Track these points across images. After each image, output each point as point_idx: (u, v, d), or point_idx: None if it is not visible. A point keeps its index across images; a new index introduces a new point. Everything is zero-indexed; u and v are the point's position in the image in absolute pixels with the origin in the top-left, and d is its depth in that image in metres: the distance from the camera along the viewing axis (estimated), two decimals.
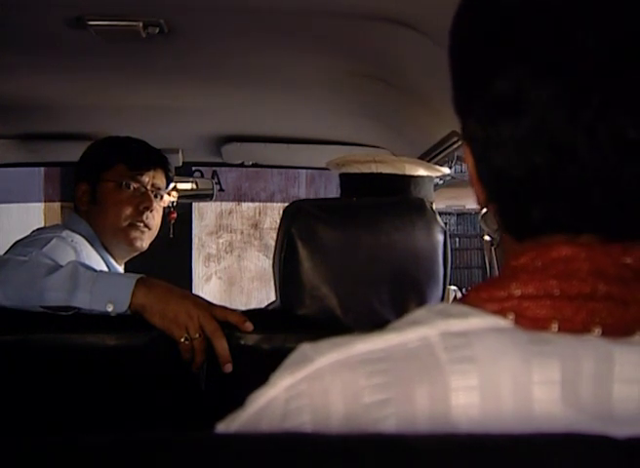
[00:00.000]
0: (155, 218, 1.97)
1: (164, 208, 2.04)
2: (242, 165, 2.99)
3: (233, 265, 6.26)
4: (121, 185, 1.92)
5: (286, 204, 1.53)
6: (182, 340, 1.38)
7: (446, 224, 1.49)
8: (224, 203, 6.18)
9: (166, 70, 1.96)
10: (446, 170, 1.74)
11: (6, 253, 1.65)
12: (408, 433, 0.53)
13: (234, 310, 1.42)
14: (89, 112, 2.40)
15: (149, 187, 1.95)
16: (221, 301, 2.50)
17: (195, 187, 2.83)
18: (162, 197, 1.99)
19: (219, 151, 2.81)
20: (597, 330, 0.54)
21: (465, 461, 0.50)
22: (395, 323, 0.58)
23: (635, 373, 0.53)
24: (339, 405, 0.55)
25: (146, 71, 1.97)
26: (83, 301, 1.37)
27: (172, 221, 2.41)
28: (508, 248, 0.61)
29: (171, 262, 4.82)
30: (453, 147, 2.07)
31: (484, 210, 0.66)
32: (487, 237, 1.81)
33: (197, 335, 1.38)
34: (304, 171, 5.95)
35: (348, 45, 1.68)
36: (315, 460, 0.50)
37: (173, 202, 2.19)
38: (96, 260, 1.84)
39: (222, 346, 1.37)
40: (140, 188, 1.93)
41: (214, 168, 5.36)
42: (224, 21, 1.55)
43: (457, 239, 12.95)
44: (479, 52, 0.58)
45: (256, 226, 6.27)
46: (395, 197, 1.57)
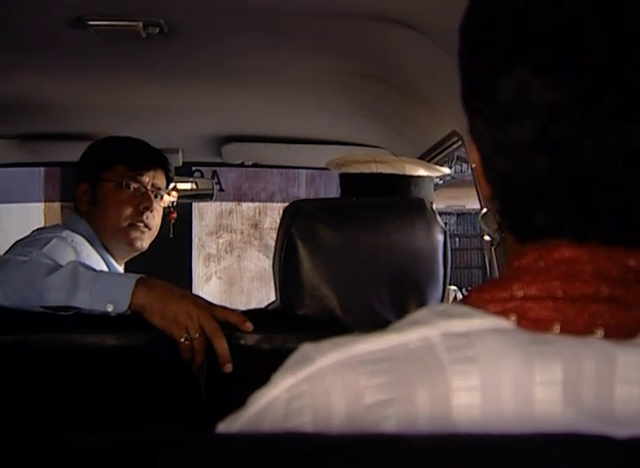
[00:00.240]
0: (155, 218, 1.97)
1: (164, 208, 2.04)
2: (242, 165, 2.98)
3: (233, 265, 6.26)
4: (121, 185, 1.92)
5: (286, 204, 1.53)
6: (182, 340, 1.38)
7: (446, 224, 1.49)
8: (224, 203, 6.17)
9: (166, 70, 1.96)
10: (446, 170, 1.74)
11: (6, 253, 1.65)
12: (409, 433, 0.53)
13: (234, 310, 1.41)
14: (89, 112, 2.40)
15: (149, 187, 1.95)
16: (221, 301, 2.50)
17: (195, 187, 2.83)
18: (162, 197, 1.99)
19: (219, 151, 2.81)
20: (599, 331, 0.54)
21: (466, 461, 0.50)
22: (396, 323, 0.58)
23: (637, 375, 0.53)
24: (340, 405, 0.55)
25: (146, 71, 1.97)
26: (83, 301, 1.37)
27: (172, 221, 2.41)
28: (511, 248, 0.61)
29: (171, 262, 4.81)
30: (453, 147, 2.07)
31: (484, 210, 0.66)
32: (487, 237, 1.81)
33: (197, 335, 1.38)
34: (304, 171, 5.95)
35: (348, 45, 1.68)
36: (316, 460, 0.50)
37: (173, 202, 2.19)
38: (96, 260, 1.84)
39: (222, 346, 1.37)
40: (141, 188, 1.93)
41: (214, 168, 5.36)
42: (224, 21, 1.55)
43: (457, 239, 12.96)
44: (484, 52, 0.58)
45: (256, 226, 6.27)
46: (395, 197, 1.57)
